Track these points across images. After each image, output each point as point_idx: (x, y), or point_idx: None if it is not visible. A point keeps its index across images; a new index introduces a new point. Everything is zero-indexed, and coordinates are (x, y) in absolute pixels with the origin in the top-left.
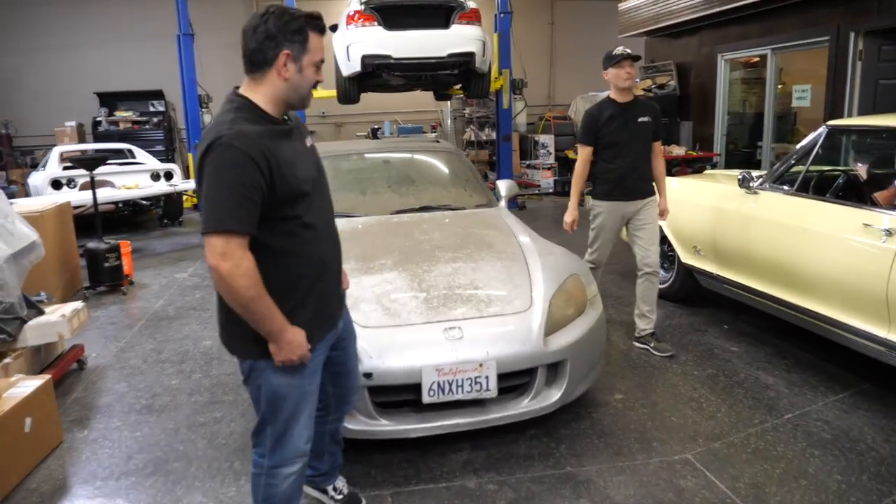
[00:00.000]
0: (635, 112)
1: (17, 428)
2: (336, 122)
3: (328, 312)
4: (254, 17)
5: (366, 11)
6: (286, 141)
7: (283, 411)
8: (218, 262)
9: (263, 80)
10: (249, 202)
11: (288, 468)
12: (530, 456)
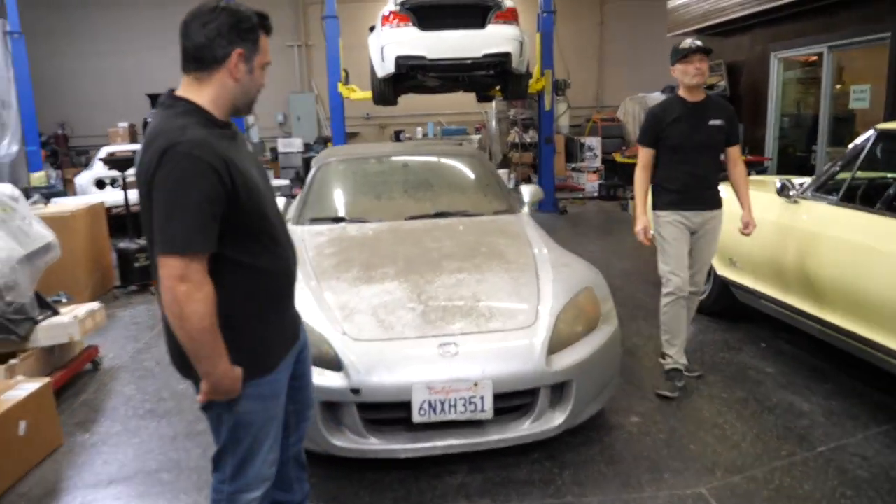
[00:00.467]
0: (706, 113)
1: (10, 431)
2: (380, 124)
3: (293, 327)
4: (201, 11)
5: (400, 12)
6: (233, 146)
7: (247, 438)
8: (175, 285)
9: (210, 81)
10: (212, 218)
11: (250, 494)
12: (530, 482)
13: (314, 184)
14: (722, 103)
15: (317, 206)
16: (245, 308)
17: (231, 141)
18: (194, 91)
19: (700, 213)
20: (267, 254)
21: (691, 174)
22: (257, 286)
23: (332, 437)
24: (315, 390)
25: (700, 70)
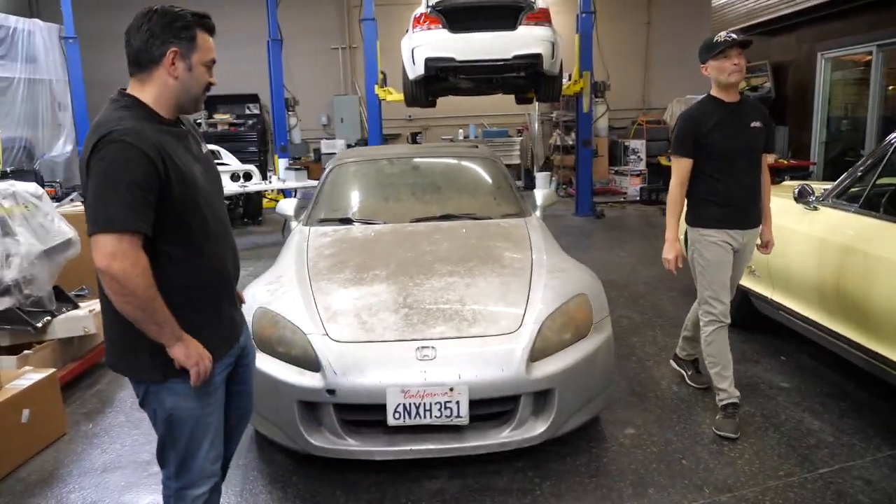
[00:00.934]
0: (746, 115)
1: (13, 418)
2: (422, 126)
3: (232, 326)
4: (137, 17)
5: (431, 14)
6: (178, 143)
7: (183, 436)
8: (109, 263)
9: (150, 80)
10: (143, 201)
11: (196, 490)
12: (508, 490)
13: (325, 185)
14: (757, 104)
15: (326, 207)
16: (176, 299)
17: (174, 137)
18: (138, 91)
19: (746, 232)
20: (199, 249)
21: (739, 185)
22: (189, 279)
23: (310, 436)
24: (294, 389)
25: (739, 66)
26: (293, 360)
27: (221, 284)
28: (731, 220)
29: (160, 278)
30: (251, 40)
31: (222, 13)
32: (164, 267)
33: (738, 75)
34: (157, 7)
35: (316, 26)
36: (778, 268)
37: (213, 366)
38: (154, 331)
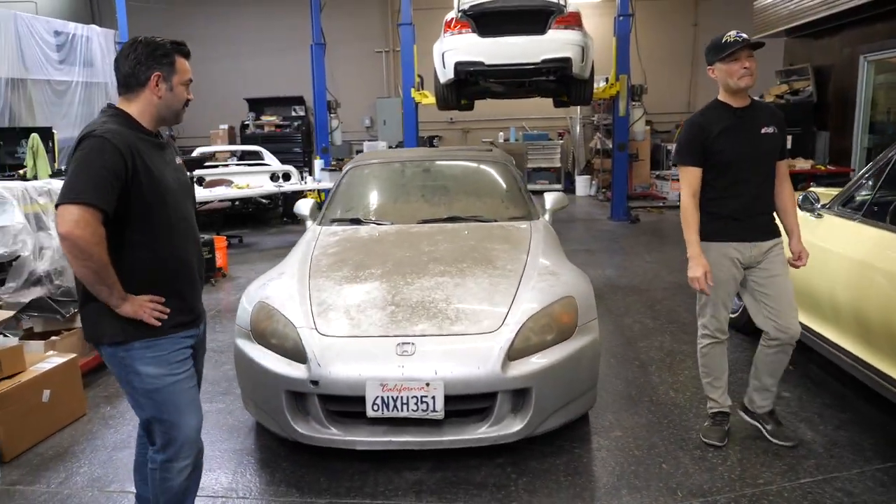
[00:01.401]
0: (757, 120)
1: (34, 398)
2: (463, 129)
3: (189, 307)
4: (125, 47)
5: (461, 19)
6: (155, 151)
7: (164, 403)
8: (71, 230)
9: (137, 99)
10: (108, 184)
11: (180, 462)
12: (484, 485)
13: (340, 186)
14: (771, 108)
15: (339, 207)
16: (140, 278)
17: (151, 145)
18: (125, 106)
19: (756, 245)
20: (163, 240)
21: (747, 195)
22: (153, 264)
23: (297, 424)
24: (283, 380)
25: (749, 69)
26: (284, 352)
27: (182, 271)
28: (737, 233)
29: (128, 261)
30: (297, 45)
31: (270, 19)
32: (131, 252)
33: (748, 79)
34: (142, 38)
35: (360, 31)
36: None
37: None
38: (105, 292)
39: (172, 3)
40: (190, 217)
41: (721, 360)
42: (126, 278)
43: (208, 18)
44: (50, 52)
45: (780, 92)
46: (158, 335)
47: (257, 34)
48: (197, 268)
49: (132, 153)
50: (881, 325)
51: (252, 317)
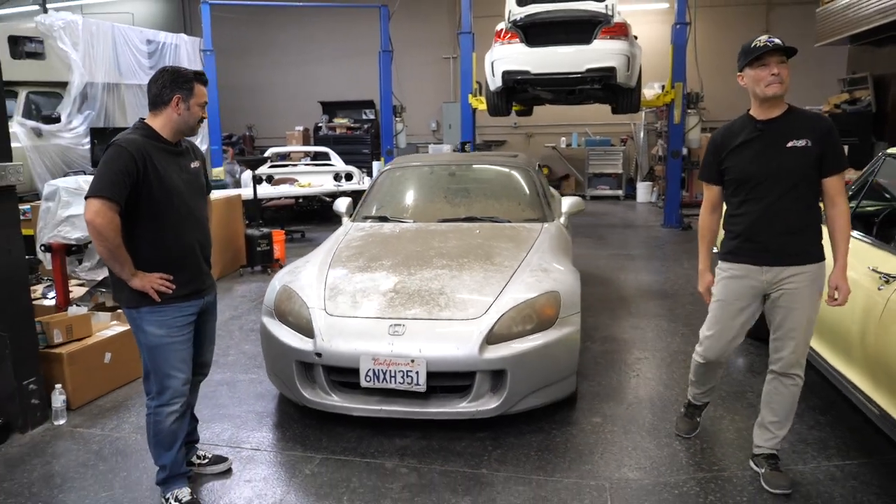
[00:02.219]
0: (785, 133)
1: (97, 358)
2: (527, 133)
3: (193, 285)
4: (155, 74)
5: (511, 29)
6: (170, 157)
7: (159, 358)
8: (93, 218)
9: (160, 115)
10: (122, 183)
11: (169, 407)
12: (461, 454)
13: (374, 187)
14: (811, 117)
15: (371, 206)
16: (147, 259)
17: (167, 153)
18: (151, 121)
19: (769, 270)
20: (168, 230)
21: (767, 214)
22: (158, 249)
23: (304, 390)
24: (294, 351)
25: (779, 76)
26: (298, 328)
27: (186, 255)
28: (750, 255)
29: (140, 244)
30: (369, 51)
31: (343, 27)
32: (142, 238)
33: (777, 87)
34: (169, 67)
35: (429, 37)
36: None
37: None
38: (118, 268)
39: (253, 13)
40: (197, 211)
41: (710, 377)
42: (138, 258)
43: (286, 27)
44: (142, 59)
45: (838, 101)
46: (163, 304)
47: (332, 41)
48: (200, 252)
49: (144, 158)
50: (837, 328)
51: (276, 297)
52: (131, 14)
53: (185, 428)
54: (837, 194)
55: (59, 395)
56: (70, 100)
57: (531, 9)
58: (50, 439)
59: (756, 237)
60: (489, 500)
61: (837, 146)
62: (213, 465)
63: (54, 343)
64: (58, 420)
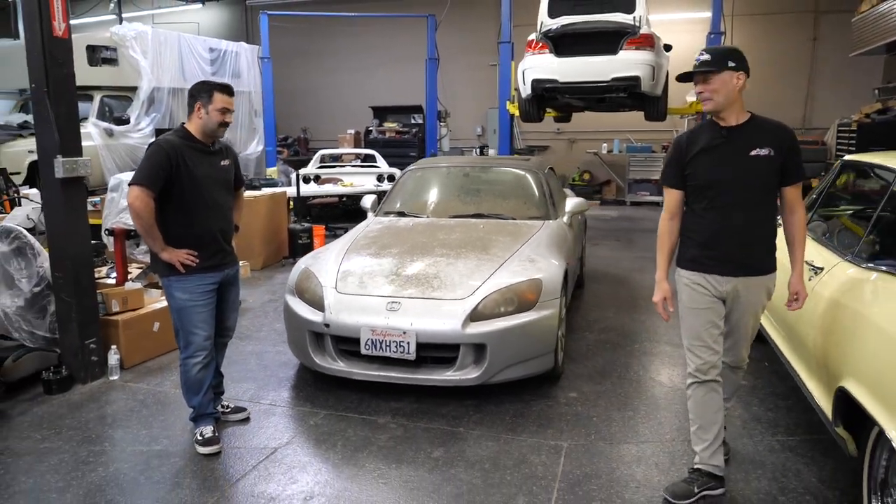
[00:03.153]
0: (749, 141)
1: (147, 326)
2: (569, 139)
3: (214, 260)
4: (191, 86)
5: (541, 40)
6: (201, 155)
7: (184, 318)
8: (133, 201)
9: (191, 119)
10: (156, 174)
11: (195, 359)
12: (445, 415)
13: (397, 185)
14: (774, 127)
15: (392, 202)
16: (177, 239)
17: (199, 151)
18: (187, 124)
19: (727, 281)
20: (194, 215)
21: (725, 222)
22: (185, 229)
23: (315, 357)
24: (308, 322)
25: (704, 94)
26: (313, 303)
27: (207, 236)
28: (711, 264)
29: (171, 226)
30: (419, 57)
31: (394, 35)
32: (173, 221)
33: (707, 104)
34: (199, 81)
35: (476, 45)
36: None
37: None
38: (150, 243)
39: (308, 23)
40: (222, 201)
41: (708, 405)
42: (168, 236)
43: (339, 35)
44: (205, 66)
45: (870, 110)
46: (187, 274)
47: (382, 48)
48: (220, 235)
49: (177, 155)
50: (793, 323)
51: (297, 277)
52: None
53: (209, 377)
54: (796, 203)
55: (114, 355)
56: (139, 103)
57: (563, 20)
58: (105, 390)
59: (717, 246)
60: (460, 451)
61: (799, 157)
62: (234, 414)
63: (112, 311)
64: (112, 375)
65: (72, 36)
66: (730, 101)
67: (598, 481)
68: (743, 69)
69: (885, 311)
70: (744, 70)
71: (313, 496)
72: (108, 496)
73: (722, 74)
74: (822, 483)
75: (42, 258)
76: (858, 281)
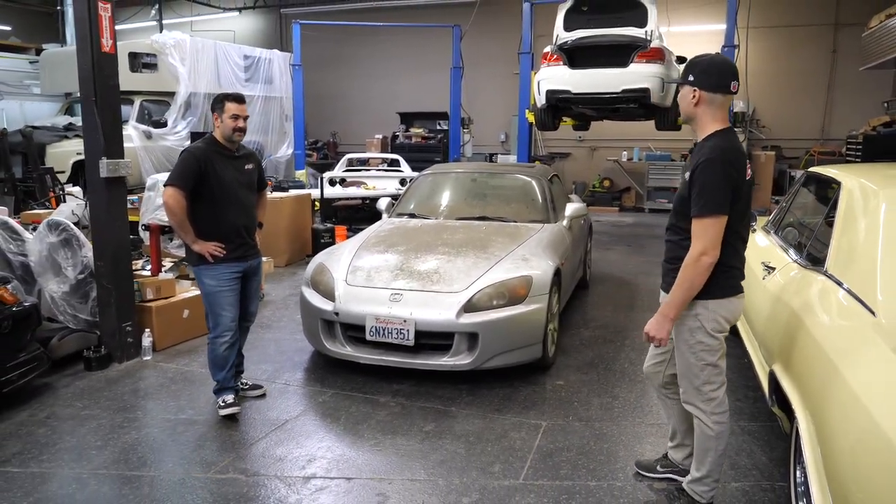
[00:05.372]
0: (691, 162)
1: (177, 313)
2: (591, 147)
3: (238, 252)
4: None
5: (555, 52)
6: (227, 160)
7: (213, 302)
8: (167, 199)
9: (216, 128)
10: (187, 176)
11: (222, 338)
12: (440, 396)
13: (410, 189)
14: (704, 149)
15: (405, 205)
16: (206, 231)
17: (223, 156)
18: (214, 132)
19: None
20: (221, 212)
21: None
22: (213, 225)
23: (326, 342)
24: (320, 311)
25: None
26: (326, 294)
27: (232, 231)
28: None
29: (201, 221)
30: (445, 65)
31: (421, 43)
32: (203, 217)
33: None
34: (218, 94)
35: (500, 54)
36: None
37: (221, 260)
38: (183, 235)
39: (339, 31)
40: (245, 200)
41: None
42: (199, 230)
43: (368, 43)
44: (239, 73)
45: (877, 122)
46: (215, 263)
47: (409, 56)
48: (244, 231)
49: (206, 160)
50: (751, 319)
51: (312, 270)
52: (233, 32)
53: (233, 356)
54: (693, 237)
55: (148, 338)
56: (176, 107)
57: (577, 34)
58: (138, 368)
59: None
60: (449, 427)
61: (702, 187)
62: (252, 391)
63: (146, 298)
64: (145, 356)
65: (118, 49)
66: (688, 114)
67: (569, 454)
68: (700, 85)
69: (802, 300)
70: (702, 86)
71: (315, 458)
72: (139, 453)
73: (683, 88)
74: (770, 462)
75: (86, 249)
76: (793, 279)
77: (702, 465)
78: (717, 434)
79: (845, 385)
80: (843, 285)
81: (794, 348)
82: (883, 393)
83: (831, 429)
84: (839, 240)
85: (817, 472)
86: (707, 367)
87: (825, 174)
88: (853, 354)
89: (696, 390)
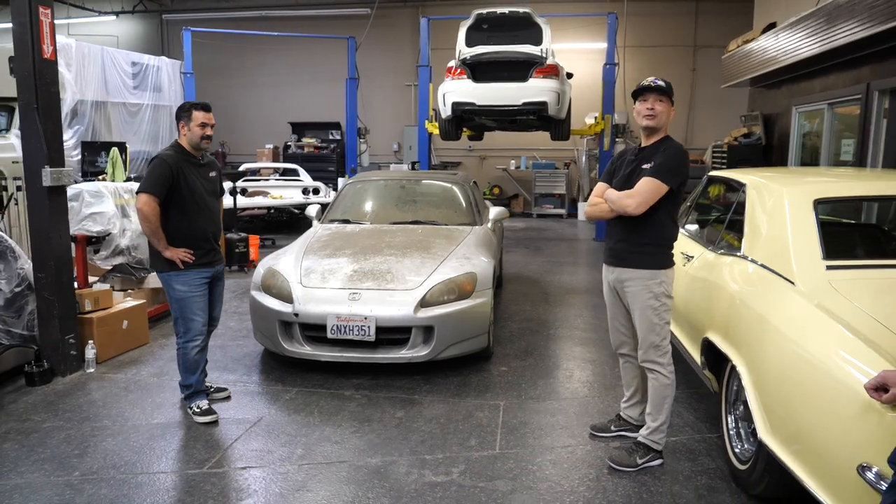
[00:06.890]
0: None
1: (117, 324)
2: (480, 156)
3: (207, 258)
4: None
5: (460, 66)
6: (194, 167)
7: (184, 307)
8: (142, 206)
9: (181, 136)
10: (161, 184)
11: (193, 342)
12: (401, 387)
13: (339, 196)
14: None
15: (336, 211)
16: (176, 239)
17: (190, 164)
18: (179, 139)
19: (613, 270)
20: (189, 219)
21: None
22: (182, 231)
23: (284, 343)
24: (277, 313)
25: (653, 111)
26: (280, 297)
27: (201, 237)
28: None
29: (171, 228)
30: (338, 76)
31: (314, 54)
32: (173, 223)
33: (649, 120)
34: (180, 104)
35: (394, 65)
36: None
37: (191, 266)
38: (155, 242)
39: (230, 40)
40: (212, 206)
41: (625, 373)
42: (170, 236)
43: (260, 52)
44: (127, 80)
45: (738, 134)
46: (185, 269)
47: (303, 66)
48: (211, 236)
49: (177, 167)
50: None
51: (262, 275)
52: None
53: (204, 359)
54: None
55: (91, 350)
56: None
57: (478, 49)
58: (85, 381)
59: (608, 241)
60: (418, 412)
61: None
62: (217, 393)
63: (85, 310)
64: (89, 368)
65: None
66: (664, 124)
67: (531, 427)
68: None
69: (729, 279)
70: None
71: (303, 447)
72: (125, 457)
73: (666, 105)
74: (697, 419)
75: (22, 260)
76: (715, 263)
77: (659, 414)
78: (672, 382)
79: (773, 328)
80: (758, 263)
81: (728, 315)
82: (800, 326)
83: (764, 363)
84: (751, 228)
85: (757, 398)
86: (665, 325)
87: (724, 177)
88: (778, 307)
89: (655, 347)
